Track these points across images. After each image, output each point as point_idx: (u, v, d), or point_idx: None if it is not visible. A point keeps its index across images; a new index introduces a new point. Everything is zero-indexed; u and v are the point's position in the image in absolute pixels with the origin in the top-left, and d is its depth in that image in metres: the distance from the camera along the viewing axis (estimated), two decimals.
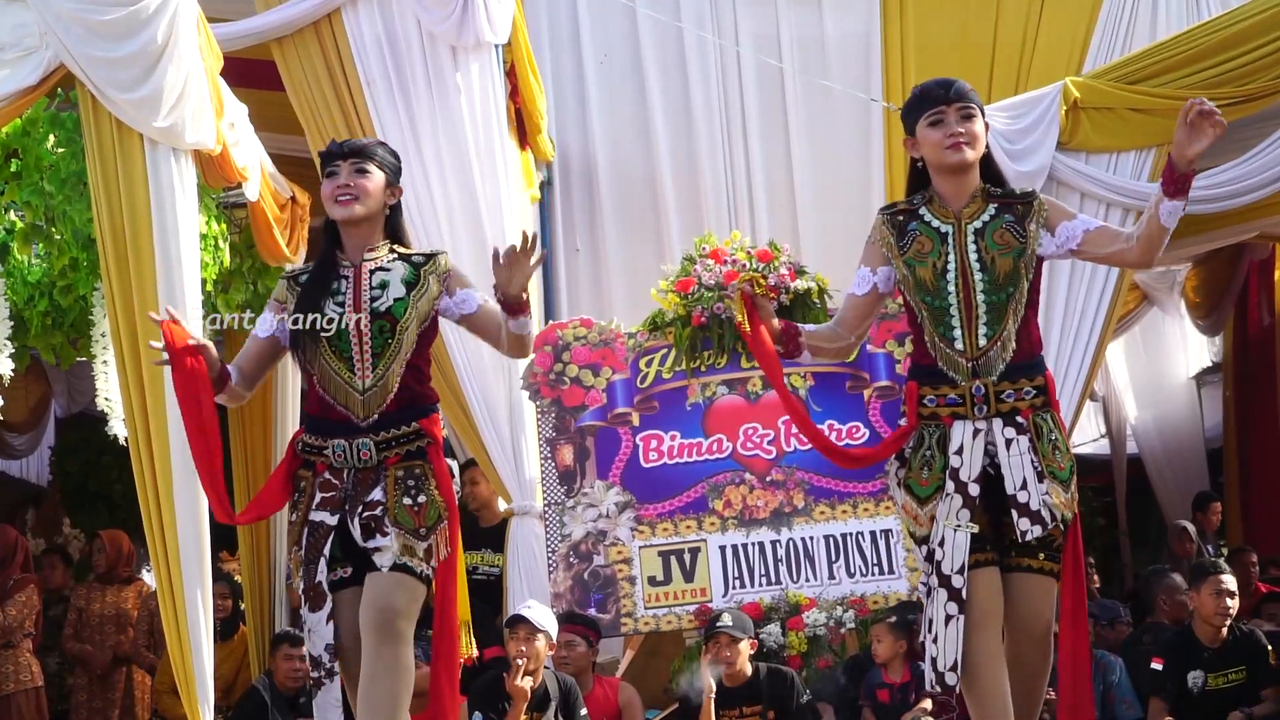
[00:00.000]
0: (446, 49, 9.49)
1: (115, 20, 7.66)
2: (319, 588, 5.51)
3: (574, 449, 9.43)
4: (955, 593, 5.30)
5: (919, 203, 5.52)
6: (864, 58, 11.33)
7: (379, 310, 5.54)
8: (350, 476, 5.54)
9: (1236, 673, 8.90)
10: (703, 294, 9.32)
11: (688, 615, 9.26)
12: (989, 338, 5.35)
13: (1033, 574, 5.38)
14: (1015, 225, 5.40)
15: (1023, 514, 5.31)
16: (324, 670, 5.55)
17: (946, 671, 5.33)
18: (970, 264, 5.37)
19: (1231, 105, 9.20)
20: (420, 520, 5.50)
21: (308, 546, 5.54)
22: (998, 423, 5.36)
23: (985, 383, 5.35)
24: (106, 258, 7.70)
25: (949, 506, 5.34)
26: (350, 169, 5.62)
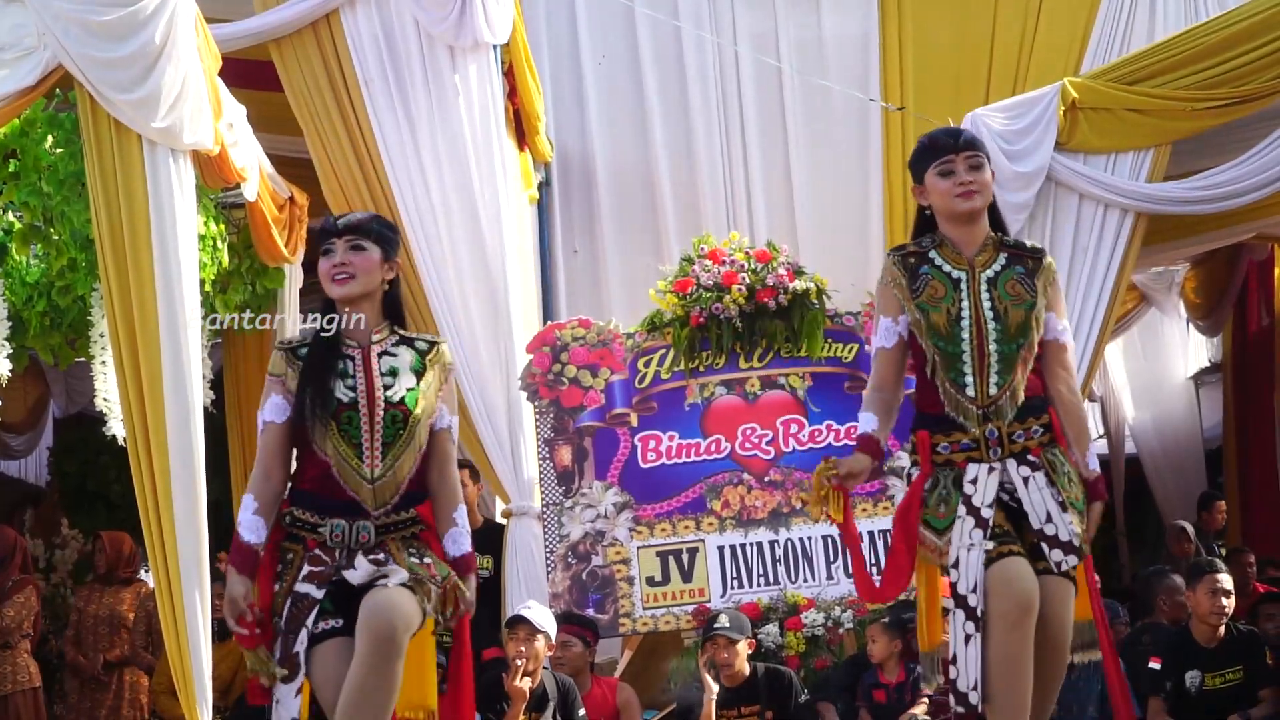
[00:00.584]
0: (445, 49, 9.49)
1: (113, 21, 7.65)
2: (294, 659, 5.30)
3: (572, 449, 9.43)
4: (971, 611, 5.32)
5: (928, 245, 5.56)
6: (862, 58, 11.34)
7: (391, 400, 5.43)
8: (342, 555, 5.39)
9: (1234, 673, 8.90)
10: (701, 294, 9.33)
11: (686, 615, 9.26)
12: (999, 386, 5.40)
13: (1055, 576, 5.38)
14: (1026, 279, 5.47)
15: (1054, 546, 5.37)
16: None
17: (969, 691, 5.37)
18: (984, 313, 5.42)
19: (1229, 106, 9.22)
20: (430, 570, 5.38)
21: (289, 618, 5.33)
22: (1011, 463, 5.42)
23: (998, 425, 5.40)
24: (105, 258, 7.69)
25: (962, 528, 5.37)
26: (346, 246, 5.46)
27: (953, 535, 5.39)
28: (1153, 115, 9.31)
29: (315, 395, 5.35)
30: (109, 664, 10.70)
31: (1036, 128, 9.31)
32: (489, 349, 9.50)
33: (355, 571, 5.33)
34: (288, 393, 5.43)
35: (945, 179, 5.46)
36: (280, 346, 5.60)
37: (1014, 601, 5.29)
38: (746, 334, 9.36)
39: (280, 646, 5.33)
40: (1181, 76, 9.25)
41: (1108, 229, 9.37)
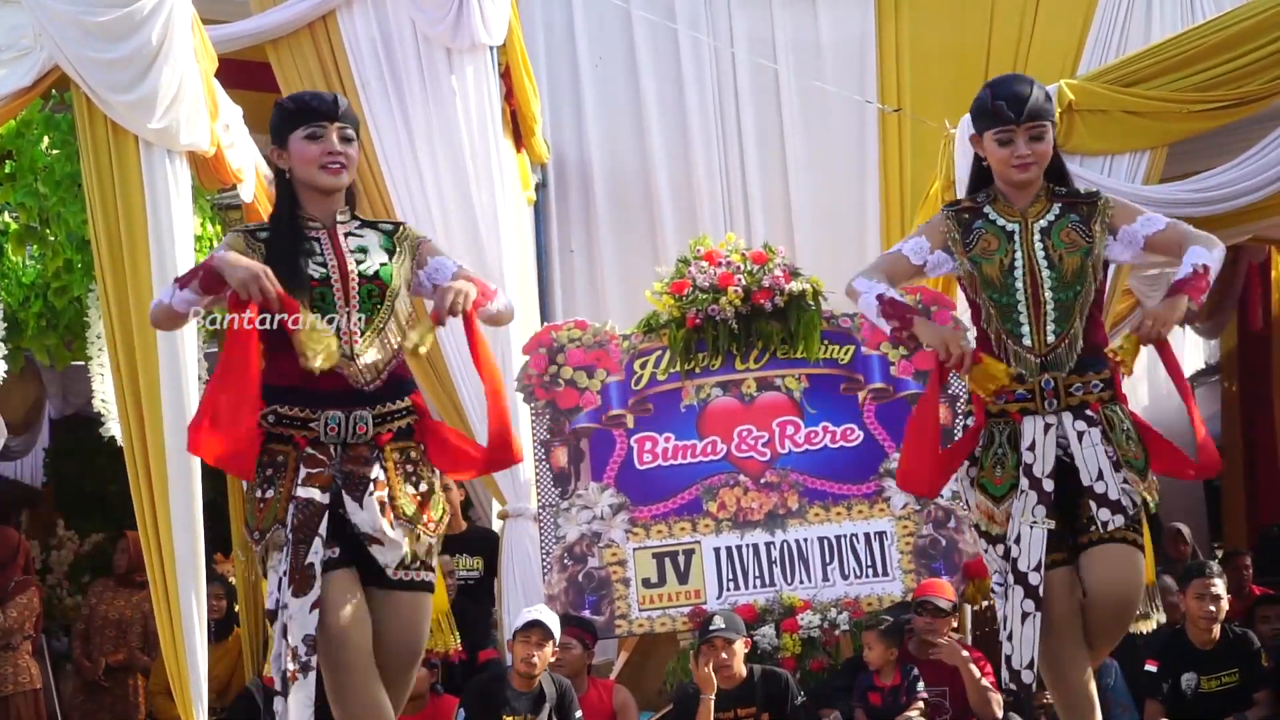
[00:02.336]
0: (441, 51, 9.51)
1: (110, 22, 7.66)
2: (308, 570, 4.91)
3: (568, 451, 9.43)
4: (1032, 590, 5.24)
5: (983, 201, 5.49)
6: (859, 60, 11.35)
7: (365, 274, 5.12)
8: (339, 452, 5.06)
9: (1229, 675, 8.90)
10: (697, 296, 9.32)
11: (682, 617, 9.26)
12: (1057, 335, 5.32)
13: (1115, 544, 5.28)
14: (1081, 225, 5.38)
15: (1102, 504, 5.27)
16: (300, 664, 4.91)
17: (1023, 670, 5.27)
18: (1038, 261, 5.35)
19: (1226, 108, 9.21)
20: (427, 514, 5.12)
21: (297, 525, 4.94)
22: (1067, 417, 5.32)
23: (1055, 376, 5.32)
24: (101, 259, 7.70)
25: (1025, 503, 5.28)
26: (338, 134, 5.16)
27: (1013, 509, 5.30)
28: (1149, 117, 9.31)
29: (286, 272, 5.00)
30: (110, 668, 10.70)
31: None
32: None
33: (361, 513, 5.02)
34: None
35: (1003, 148, 5.39)
36: (237, 230, 5.33)
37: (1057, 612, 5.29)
38: (743, 335, 9.36)
39: (290, 555, 4.95)
40: (1178, 78, 9.24)
41: None
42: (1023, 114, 5.33)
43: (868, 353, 9.33)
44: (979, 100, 5.44)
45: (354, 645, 4.98)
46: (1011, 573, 5.28)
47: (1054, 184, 5.50)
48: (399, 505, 5.08)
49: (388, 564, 5.06)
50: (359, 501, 5.03)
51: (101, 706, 10.76)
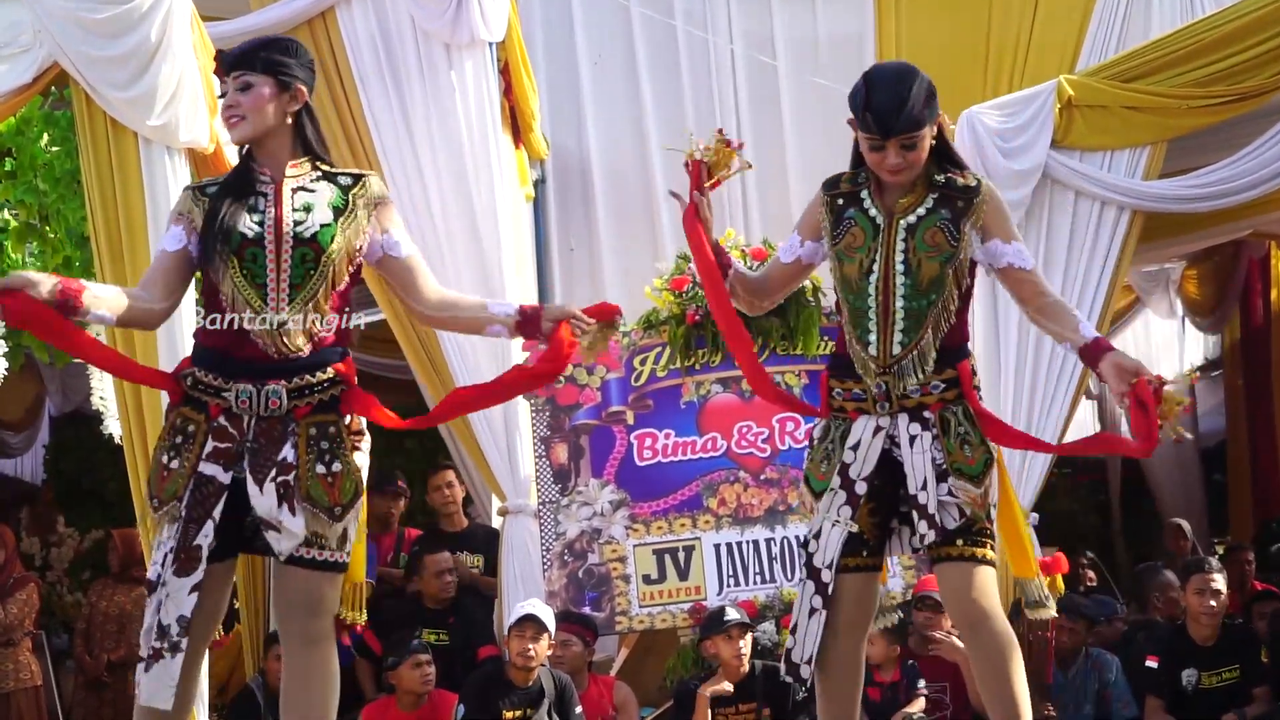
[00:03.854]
0: (440, 47, 9.49)
1: (109, 19, 7.67)
2: (195, 551, 4.80)
3: (568, 447, 9.42)
4: (822, 586, 5.09)
5: (862, 183, 5.22)
6: (858, 57, 11.31)
7: (302, 236, 4.93)
8: (250, 425, 4.91)
9: (1230, 671, 8.90)
10: (697, 292, 9.31)
11: (682, 613, 9.25)
12: (904, 345, 5.09)
13: (952, 562, 5.05)
14: (950, 225, 5.08)
15: (921, 516, 5.05)
16: (169, 643, 4.81)
17: (801, 664, 5.13)
18: (895, 266, 5.08)
19: (1226, 103, 9.21)
20: (335, 496, 4.92)
21: (192, 503, 4.82)
22: (903, 419, 5.11)
23: (888, 380, 5.09)
24: (100, 256, 7.71)
25: (832, 501, 5.12)
26: (235, 86, 4.97)
27: (821, 504, 5.14)
28: (1149, 112, 9.30)
29: (219, 231, 4.89)
30: (112, 664, 10.69)
31: (1032, 125, 9.30)
32: (485, 347, 9.49)
33: (261, 498, 4.86)
34: (192, 230, 4.98)
35: (874, 152, 5.07)
36: (189, 186, 5.20)
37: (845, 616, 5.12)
38: None
39: (179, 535, 4.84)
40: (1178, 74, 9.24)
41: (1104, 227, 9.35)
42: (892, 131, 5.01)
43: None
44: (854, 93, 5.13)
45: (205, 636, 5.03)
46: (807, 566, 5.15)
47: (936, 169, 5.16)
48: (305, 487, 4.91)
49: (281, 551, 4.90)
50: (260, 485, 4.87)
51: (104, 703, 10.75)
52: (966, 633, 5.15)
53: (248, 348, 4.91)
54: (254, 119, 4.99)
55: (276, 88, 5.02)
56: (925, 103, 5.07)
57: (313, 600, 4.97)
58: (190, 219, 5.02)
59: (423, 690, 8.65)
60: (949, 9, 11.03)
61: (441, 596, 9.54)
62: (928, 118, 5.07)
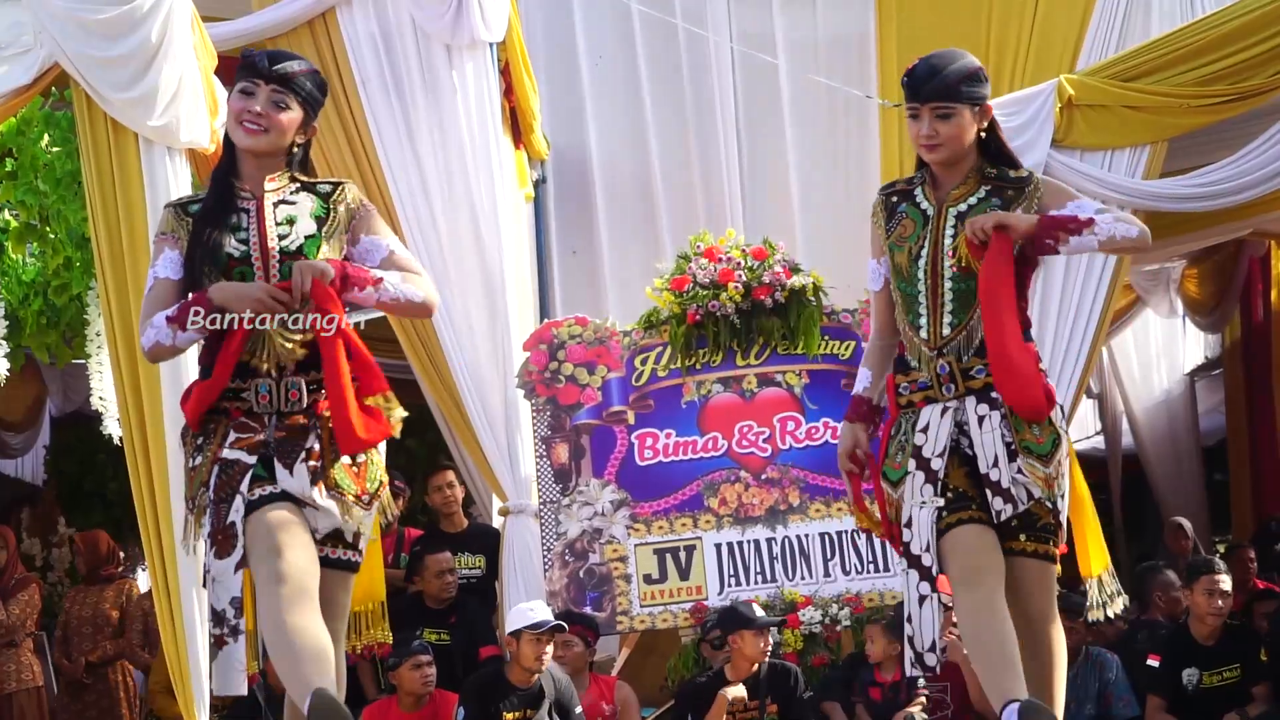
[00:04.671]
0: (441, 47, 9.49)
1: (110, 19, 7.68)
2: (230, 529, 4.78)
3: (569, 447, 9.42)
4: (925, 571, 5.10)
5: (916, 182, 5.32)
6: (858, 56, 11.32)
7: (288, 249, 4.94)
8: (272, 422, 4.93)
9: (1231, 670, 8.90)
10: (697, 292, 9.32)
11: (683, 613, 9.26)
12: (954, 326, 5.15)
13: (1014, 556, 5.13)
14: (1001, 210, 5.12)
15: (996, 492, 5.09)
16: (228, 627, 4.83)
17: (925, 652, 5.17)
18: (944, 250, 5.15)
19: (1225, 102, 9.23)
20: (362, 484, 4.97)
21: (218, 485, 4.83)
22: (970, 400, 5.15)
23: (949, 361, 5.14)
24: (101, 257, 7.71)
25: (912, 485, 5.14)
26: (270, 95, 4.97)
27: (904, 491, 5.16)
28: (1149, 112, 9.32)
29: (205, 254, 4.89)
30: (91, 665, 10.66)
31: (1033, 125, 9.31)
32: (486, 347, 9.51)
33: (291, 480, 4.85)
34: (182, 249, 4.97)
35: (913, 123, 5.18)
36: (170, 204, 5.16)
37: (960, 564, 5.05)
38: (743, 331, 9.35)
39: (212, 517, 4.83)
40: (1178, 73, 9.25)
41: None
42: (921, 92, 5.13)
43: None
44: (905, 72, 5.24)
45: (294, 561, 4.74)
46: (905, 557, 5.15)
47: (989, 164, 5.25)
48: (331, 475, 4.92)
49: (318, 529, 4.88)
50: (289, 469, 4.87)
51: (86, 705, 10.73)
52: (1022, 627, 5.15)
53: (260, 353, 4.92)
54: (275, 136, 5.01)
55: (304, 118, 5.07)
56: (963, 78, 5.16)
57: (334, 598, 4.96)
58: (177, 237, 5.01)
59: (423, 691, 8.64)
60: (949, 9, 11.01)
61: (443, 596, 9.54)
62: (964, 94, 5.14)
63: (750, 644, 8.40)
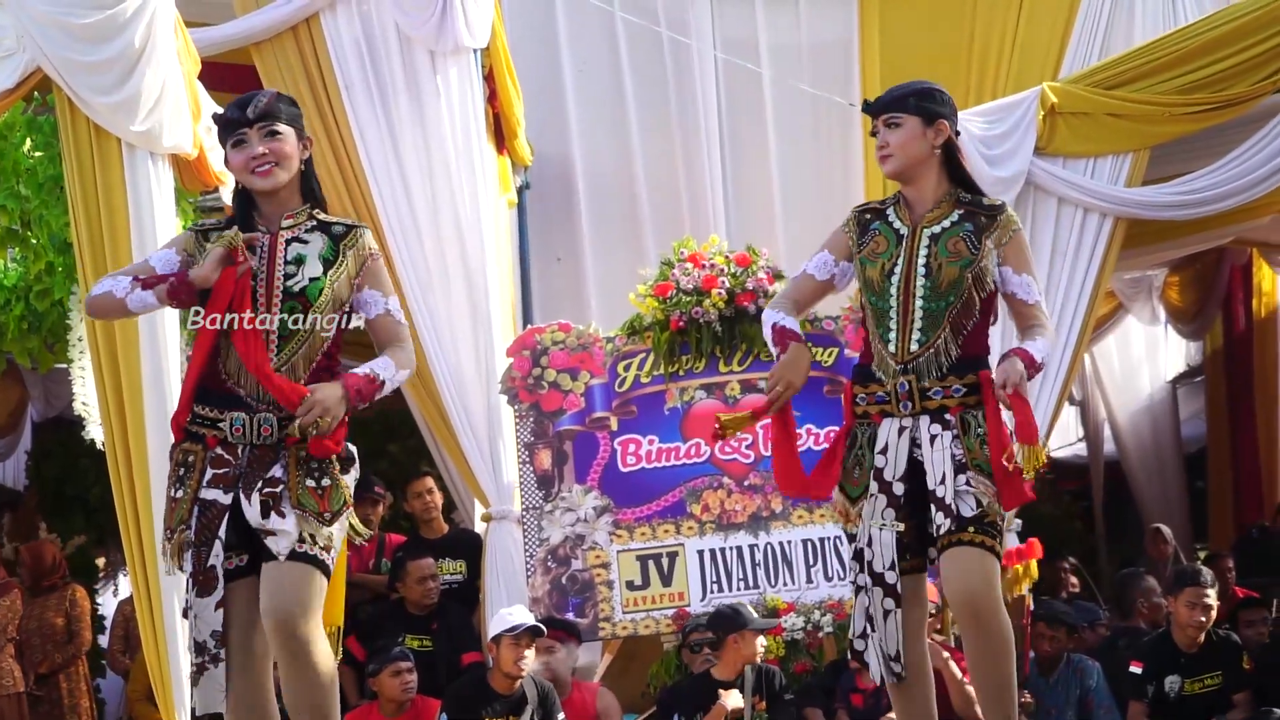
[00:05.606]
0: (425, 53, 9.50)
1: (93, 24, 7.66)
2: (211, 572, 5.05)
3: (552, 453, 9.42)
4: (890, 588, 5.27)
5: (889, 204, 5.52)
6: (842, 63, 11.34)
7: (292, 290, 5.12)
8: (245, 453, 5.11)
9: (1213, 678, 8.90)
10: (681, 298, 9.32)
11: (666, 619, 9.26)
12: (921, 344, 5.29)
13: (962, 547, 5.22)
14: (972, 235, 5.33)
15: (938, 508, 5.24)
16: (208, 655, 5.09)
17: (892, 662, 5.32)
18: (917, 269, 5.33)
19: (1208, 110, 9.25)
20: (324, 504, 5.10)
21: (199, 528, 5.06)
22: (924, 420, 5.31)
23: (910, 380, 5.31)
24: (83, 262, 7.70)
25: (874, 506, 5.32)
26: (260, 135, 5.14)
27: (864, 511, 5.34)
28: (1132, 120, 9.34)
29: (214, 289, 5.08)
30: (41, 678, 10.56)
31: (1016, 132, 9.33)
32: (469, 353, 9.51)
33: (250, 509, 5.05)
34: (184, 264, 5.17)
35: (874, 139, 5.48)
36: (193, 227, 5.38)
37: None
38: (726, 338, 9.36)
39: (193, 560, 5.08)
40: (1160, 81, 9.27)
41: (1087, 233, 9.39)
42: (876, 103, 5.43)
43: (851, 355, 9.30)
44: None
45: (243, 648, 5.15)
46: (869, 574, 5.31)
47: (961, 190, 5.45)
48: (296, 496, 5.08)
49: (280, 552, 5.04)
50: (249, 498, 5.06)
51: (38, 716, 10.64)
52: (969, 619, 5.30)
53: (241, 384, 5.12)
54: (286, 166, 5.19)
55: (297, 137, 5.25)
56: (913, 93, 5.43)
57: (294, 591, 5.04)
58: (188, 253, 5.21)
59: (403, 698, 8.63)
60: (933, 15, 11.05)
61: (425, 603, 9.53)
62: (911, 105, 5.37)
63: (749, 644, 8.41)
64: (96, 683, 11.41)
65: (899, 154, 5.37)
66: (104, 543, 13.24)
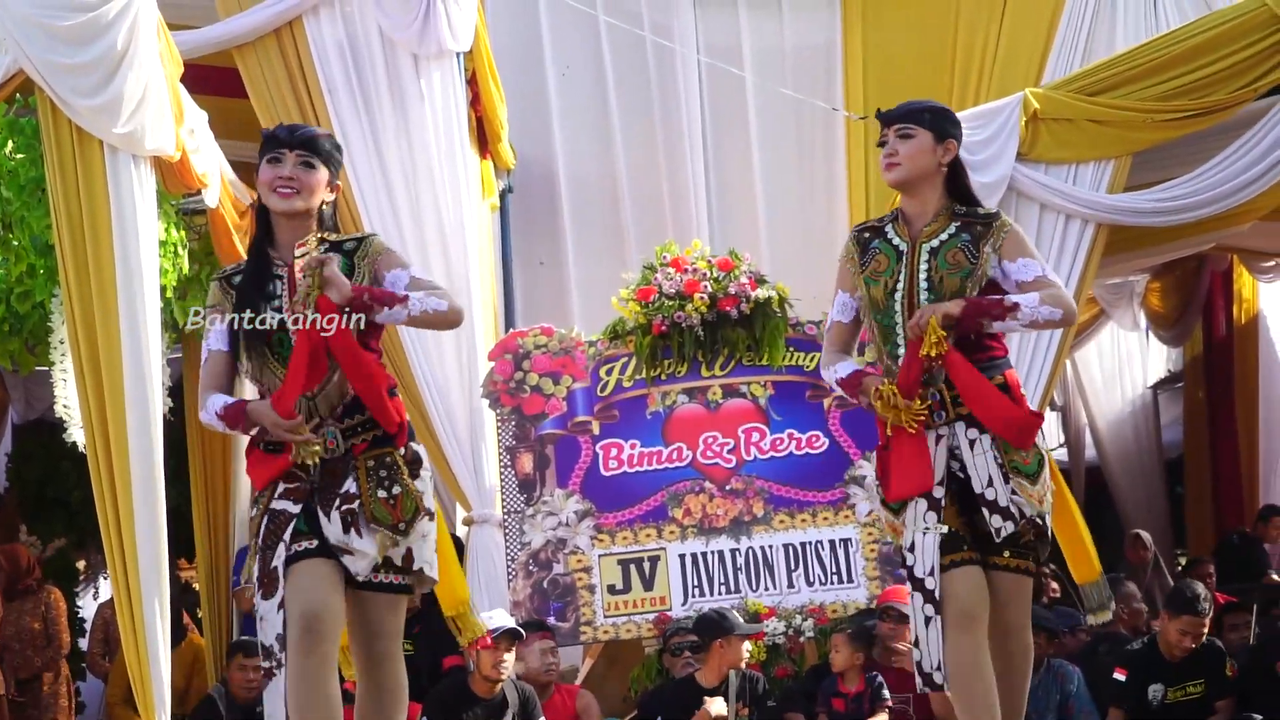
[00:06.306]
0: (408, 56, 9.50)
1: (75, 26, 7.64)
2: (273, 574, 5.24)
3: (534, 457, 9.42)
4: (929, 594, 5.36)
5: (887, 221, 5.61)
6: (825, 68, 11.36)
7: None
8: (317, 469, 5.31)
9: (1195, 686, 8.89)
10: (663, 303, 9.32)
11: (647, 623, 9.26)
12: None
13: (998, 571, 5.42)
14: (970, 245, 5.44)
15: (994, 511, 5.36)
16: (274, 661, 5.27)
17: (933, 672, 5.40)
18: (919, 283, 5.43)
19: (1189, 118, 9.27)
20: (397, 514, 5.27)
21: (265, 533, 5.29)
22: (960, 425, 5.41)
23: (941, 389, 5.40)
24: (65, 264, 7.68)
25: (915, 511, 5.40)
26: (296, 160, 5.32)
27: (906, 518, 5.42)
28: (1114, 126, 9.35)
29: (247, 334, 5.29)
30: (22, 683, 10.50)
31: (998, 138, 9.34)
32: (451, 356, 9.50)
33: (330, 526, 5.25)
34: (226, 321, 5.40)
35: (881, 149, 5.58)
36: (216, 277, 5.55)
37: (956, 609, 5.36)
38: (708, 342, 9.37)
39: (259, 563, 5.30)
40: (1142, 88, 9.29)
41: (1069, 239, 9.40)
42: (889, 117, 5.57)
43: None
44: None
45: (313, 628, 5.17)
46: (909, 580, 5.42)
47: (958, 204, 5.56)
48: (371, 510, 5.26)
49: (358, 572, 5.25)
50: (328, 515, 5.26)
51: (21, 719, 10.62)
52: (997, 638, 5.45)
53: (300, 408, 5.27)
54: (306, 197, 5.34)
55: (329, 177, 5.42)
56: (928, 109, 5.60)
57: (375, 621, 5.35)
58: (223, 310, 5.40)
59: None
60: (915, 21, 11.07)
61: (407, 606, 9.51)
62: (926, 120, 5.54)
63: (735, 650, 8.41)
64: (77, 685, 11.37)
65: (907, 164, 5.49)
66: (84, 545, 13.20)
